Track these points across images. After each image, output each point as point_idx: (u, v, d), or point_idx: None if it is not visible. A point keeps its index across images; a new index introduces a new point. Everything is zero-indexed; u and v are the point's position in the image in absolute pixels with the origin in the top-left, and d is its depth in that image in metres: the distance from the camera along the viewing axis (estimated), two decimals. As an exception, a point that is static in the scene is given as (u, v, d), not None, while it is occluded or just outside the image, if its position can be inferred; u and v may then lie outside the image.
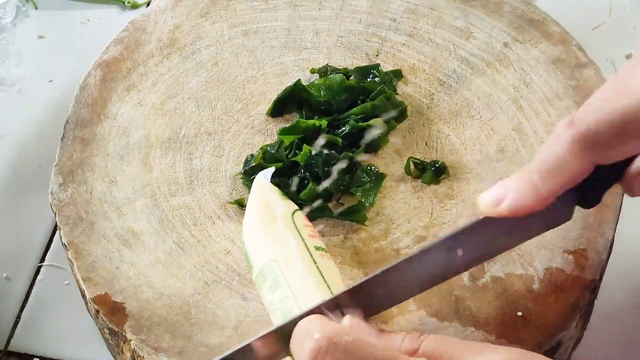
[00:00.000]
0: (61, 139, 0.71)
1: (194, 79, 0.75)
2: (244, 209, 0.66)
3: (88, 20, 0.94)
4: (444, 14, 0.77)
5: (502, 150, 0.68)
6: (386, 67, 0.74)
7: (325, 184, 0.66)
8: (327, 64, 0.74)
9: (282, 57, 0.74)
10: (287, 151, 0.68)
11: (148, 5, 0.92)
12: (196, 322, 0.61)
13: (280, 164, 0.67)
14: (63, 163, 0.70)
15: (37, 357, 0.70)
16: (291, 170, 0.67)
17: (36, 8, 0.95)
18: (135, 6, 0.94)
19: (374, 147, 0.69)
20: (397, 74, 0.74)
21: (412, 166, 0.68)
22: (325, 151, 0.67)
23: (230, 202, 0.67)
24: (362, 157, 0.68)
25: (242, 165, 0.69)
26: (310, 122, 0.69)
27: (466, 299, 0.61)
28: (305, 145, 0.67)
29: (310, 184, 0.66)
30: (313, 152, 0.67)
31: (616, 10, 0.90)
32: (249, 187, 0.66)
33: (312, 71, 0.74)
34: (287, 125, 0.69)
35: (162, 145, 0.71)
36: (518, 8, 0.77)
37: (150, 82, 0.75)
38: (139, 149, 0.71)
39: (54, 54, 0.91)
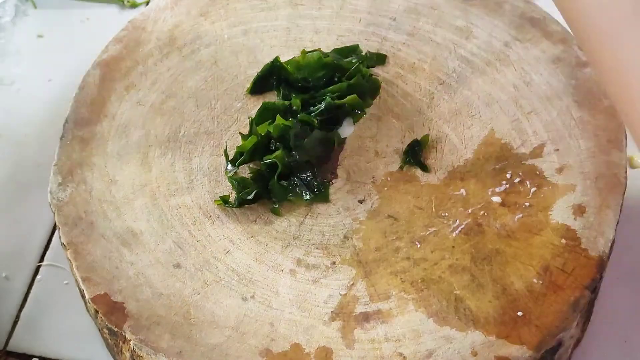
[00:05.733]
0: (60, 139, 0.71)
1: (194, 78, 0.75)
2: (231, 206, 0.66)
3: (87, 19, 0.94)
4: (444, 13, 0.77)
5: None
6: (387, 66, 0.74)
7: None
8: (319, 49, 0.74)
9: (282, 56, 0.74)
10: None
11: (147, 4, 0.92)
12: (195, 321, 0.61)
13: (254, 138, 0.68)
14: (62, 162, 0.70)
15: (36, 357, 0.70)
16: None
17: (35, 7, 0.95)
18: (134, 5, 0.94)
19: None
20: (381, 58, 0.74)
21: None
22: (299, 126, 0.68)
23: (215, 200, 0.67)
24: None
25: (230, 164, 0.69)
26: (279, 102, 0.70)
27: (466, 298, 0.61)
28: (278, 117, 0.68)
29: (280, 149, 0.67)
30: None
31: (616, 10, 0.90)
32: (234, 185, 0.67)
33: (303, 52, 0.74)
34: (257, 111, 0.70)
35: (162, 145, 0.71)
36: (518, 7, 0.77)
37: (149, 81, 0.75)
38: (138, 148, 0.71)
39: (53, 53, 0.91)
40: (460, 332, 0.59)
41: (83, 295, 0.65)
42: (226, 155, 0.69)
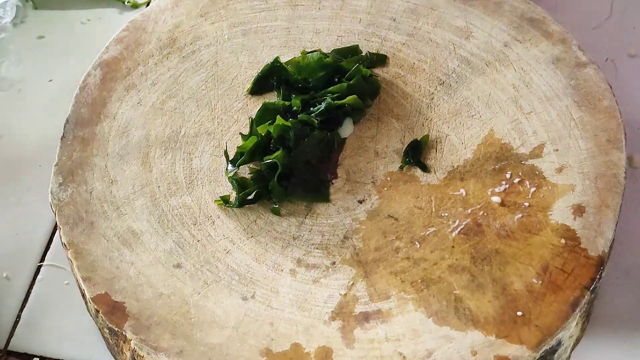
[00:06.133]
0: (61, 139, 0.71)
1: (194, 79, 0.75)
2: (231, 206, 0.66)
3: (88, 20, 0.94)
4: (444, 14, 0.77)
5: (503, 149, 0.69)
6: (386, 67, 0.74)
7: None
8: (319, 49, 0.74)
9: (281, 57, 0.74)
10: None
11: (148, 5, 0.92)
12: (196, 321, 0.61)
13: (254, 138, 0.68)
14: (63, 163, 0.70)
15: (37, 356, 0.70)
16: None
17: (36, 8, 0.95)
18: (135, 6, 0.94)
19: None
20: (381, 59, 0.74)
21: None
22: (299, 126, 0.68)
23: (216, 201, 0.67)
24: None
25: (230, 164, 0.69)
26: (280, 103, 0.70)
27: (466, 298, 0.61)
28: (278, 117, 0.68)
29: (280, 150, 0.67)
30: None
31: (616, 10, 0.90)
32: (235, 185, 0.67)
33: (303, 52, 0.74)
34: (257, 111, 0.70)
35: (162, 145, 0.71)
36: (518, 7, 0.77)
37: (150, 81, 0.75)
38: (139, 148, 0.71)
39: (53, 53, 0.91)
40: (460, 332, 0.59)
41: (84, 295, 0.65)
42: (226, 156, 0.69)
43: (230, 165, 0.69)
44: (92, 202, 0.68)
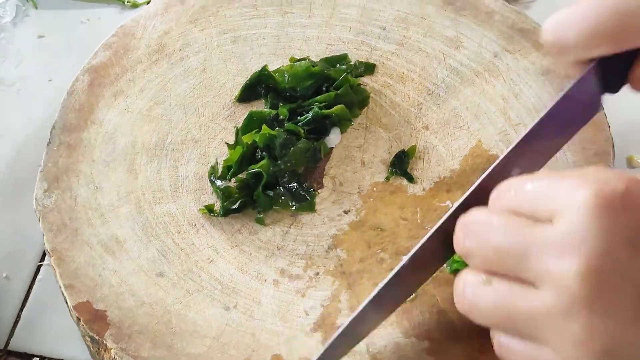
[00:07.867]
0: (47, 145, 0.71)
1: (182, 86, 0.75)
2: (216, 215, 0.66)
3: (88, 19, 0.94)
4: (434, 23, 0.76)
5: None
6: (375, 76, 0.74)
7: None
8: (308, 57, 0.74)
9: (270, 65, 0.74)
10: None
11: (148, 4, 0.92)
12: (177, 331, 0.61)
13: (240, 148, 0.68)
14: (48, 169, 0.70)
15: (36, 356, 0.70)
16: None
17: (36, 7, 0.95)
18: (135, 6, 0.94)
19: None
20: (370, 68, 0.74)
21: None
22: (285, 135, 0.68)
23: (200, 209, 0.67)
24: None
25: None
26: (266, 111, 0.70)
27: (449, 311, 0.60)
28: (264, 126, 0.68)
29: (266, 159, 0.67)
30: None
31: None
32: (219, 194, 0.67)
33: (292, 60, 0.74)
34: (243, 120, 0.70)
35: (148, 152, 0.71)
36: (509, 18, 0.76)
37: (137, 88, 0.75)
38: (125, 155, 0.71)
39: (53, 53, 0.91)
40: (442, 345, 0.59)
41: (66, 302, 0.65)
42: (215, 172, 0.69)
43: (219, 180, 0.68)
44: (76, 209, 0.68)
